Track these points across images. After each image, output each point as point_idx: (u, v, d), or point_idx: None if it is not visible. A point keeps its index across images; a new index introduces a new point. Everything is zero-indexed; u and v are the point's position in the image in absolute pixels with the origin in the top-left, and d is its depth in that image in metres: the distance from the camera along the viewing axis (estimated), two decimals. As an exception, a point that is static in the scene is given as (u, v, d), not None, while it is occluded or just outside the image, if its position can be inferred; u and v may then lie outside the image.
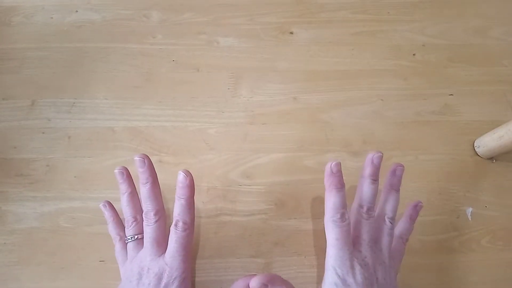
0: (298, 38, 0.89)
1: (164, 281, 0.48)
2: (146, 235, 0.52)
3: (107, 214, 0.60)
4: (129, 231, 0.55)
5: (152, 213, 0.52)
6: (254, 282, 0.50)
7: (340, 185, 0.52)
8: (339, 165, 0.52)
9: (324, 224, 0.54)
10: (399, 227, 0.63)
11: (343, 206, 0.53)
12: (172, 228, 0.51)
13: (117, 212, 0.61)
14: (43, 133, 0.77)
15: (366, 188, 0.56)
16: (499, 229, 0.70)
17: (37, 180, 0.72)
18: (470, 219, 0.71)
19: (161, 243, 0.52)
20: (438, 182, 0.74)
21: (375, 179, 0.56)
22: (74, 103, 0.80)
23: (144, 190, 0.53)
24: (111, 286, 0.64)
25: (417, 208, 0.62)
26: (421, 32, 0.90)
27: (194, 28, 0.90)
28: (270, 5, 0.93)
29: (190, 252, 0.55)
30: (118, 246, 0.58)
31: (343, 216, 0.52)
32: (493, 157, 0.75)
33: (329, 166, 0.52)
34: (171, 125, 0.78)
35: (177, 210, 0.51)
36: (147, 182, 0.54)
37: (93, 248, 0.67)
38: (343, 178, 0.52)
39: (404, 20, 0.92)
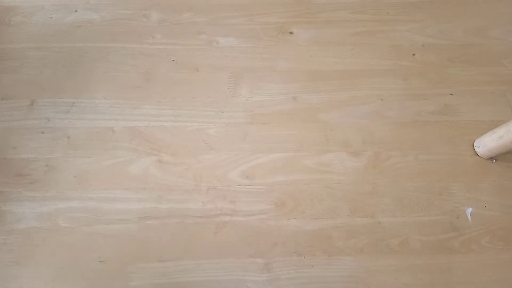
0: (298, 38, 0.89)
1: None
2: None
3: None
4: None
5: None
6: None
7: None
8: None
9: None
10: None
11: None
12: None
13: None
14: (43, 133, 0.77)
15: None
16: (499, 229, 0.70)
17: (36, 180, 0.72)
18: (470, 219, 0.70)
19: None
20: (438, 182, 0.74)
21: None
22: (73, 103, 0.80)
23: None
24: (110, 286, 0.64)
25: None
26: (421, 32, 0.90)
27: (194, 28, 0.90)
28: (270, 5, 0.93)
29: None
30: None
31: None
32: (493, 157, 0.75)
33: None
34: (170, 125, 0.78)
35: None
36: None
37: (92, 248, 0.67)
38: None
39: (404, 20, 0.92)
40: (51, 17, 0.90)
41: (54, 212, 0.69)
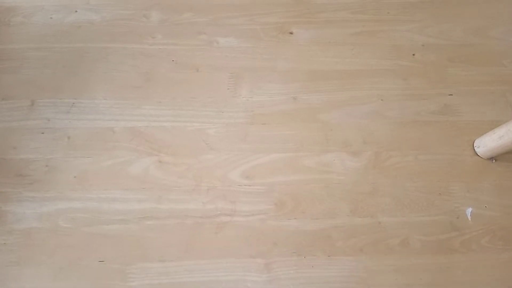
0: (298, 38, 0.89)
1: None
2: None
3: None
4: None
5: None
6: None
7: None
8: None
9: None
10: None
11: None
12: None
13: None
14: (43, 133, 0.77)
15: None
16: (499, 229, 0.70)
17: (36, 180, 0.72)
18: (470, 219, 0.70)
19: None
20: (438, 182, 0.73)
21: None
22: (73, 103, 0.80)
23: None
24: (111, 286, 0.64)
25: None
26: (421, 32, 0.90)
27: (194, 28, 0.90)
28: (270, 5, 0.93)
29: None
30: None
31: None
32: (493, 157, 0.75)
33: None
34: (171, 125, 0.78)
35: None
36: None
37: (92, 248, 0.67)
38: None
39: (404, 20, 0.92)
40: (51, 18, 0.90)
41: (54, 212, 0.69)
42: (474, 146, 0.76)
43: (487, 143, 0.73)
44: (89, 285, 0.64)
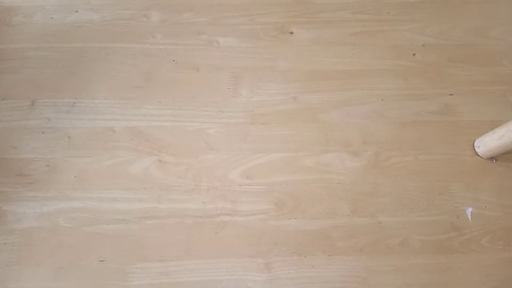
0: (298, 38, 0.89)
1: None
2: None
3: None
4: None
5: None
6: None
7: None
8: None
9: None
10: None
11: None
12: None
13: None
14: (43, 133, 0.77)
15: None
16: (499, 229, 0.70)
17: (37, 180, 0.72)
18: (470, 219, 0.70)
19: None
20: (438, 182, 0.74)
21: None
22: (74, 103, 0.80)
23: None
24: (111, 286, 0.64)
25: None
26: (421, 32, 0.90)
27: (194, 28, 0.90)
28: (270, 5, 0.93)
29: None
30: None
31: None
32: (493, 157, 0.75)
33: None
34: (171, 125, 0.78)
35: None
36: None
37: (92, 248, 0.67)
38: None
39: (404, 20, 0.92)
40: (52, 17, 0.90)
41: (55, 212, 0.69)
42: (474, 146, 0.76)
43: (487, 143, 0.73)
44: (89, 285, 0.64)
